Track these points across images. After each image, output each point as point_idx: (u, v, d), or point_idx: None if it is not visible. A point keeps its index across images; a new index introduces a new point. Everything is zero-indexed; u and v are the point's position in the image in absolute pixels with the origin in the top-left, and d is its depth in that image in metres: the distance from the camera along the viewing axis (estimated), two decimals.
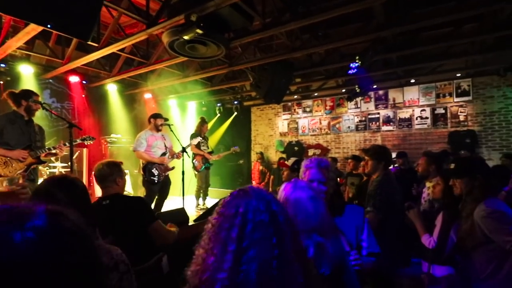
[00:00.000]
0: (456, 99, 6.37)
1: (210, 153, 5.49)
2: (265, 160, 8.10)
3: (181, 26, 3.17)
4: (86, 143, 3.63)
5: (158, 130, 4.19)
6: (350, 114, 7.56)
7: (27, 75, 4.98)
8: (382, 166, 2.38)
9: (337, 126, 7.73)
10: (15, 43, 3.76)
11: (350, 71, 4.94)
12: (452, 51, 5.16)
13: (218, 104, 8.18)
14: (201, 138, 5.18)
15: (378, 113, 7.18)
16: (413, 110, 6.79)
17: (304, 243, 1.28)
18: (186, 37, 3.13)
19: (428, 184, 2.71)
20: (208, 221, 0.81)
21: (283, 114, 8.60)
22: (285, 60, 5.04)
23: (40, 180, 3.96)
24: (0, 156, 2.84)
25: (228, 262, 0.70)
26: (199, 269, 0.75)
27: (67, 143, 3.08)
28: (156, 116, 4.22)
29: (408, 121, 6.83)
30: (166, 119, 4.25)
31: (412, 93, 6.81)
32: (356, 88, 5.90)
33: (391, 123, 7.02)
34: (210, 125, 8.71)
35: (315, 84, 7.26)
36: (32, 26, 3.24)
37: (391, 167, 3.13)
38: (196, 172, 5.44)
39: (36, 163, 3.09)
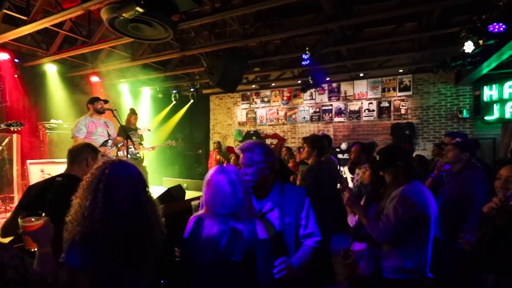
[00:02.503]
0: (399, 94, 6.90)
1: (141, 144, 5.14)
2: (222, 149, 8.07)
3: (119, 2, 2.95)
4: (12, 129, 3.27)
5: (100, 113, 3.92)
6: (306, 105, 7.81)
7: None
8: (316, 153, 2.56)
9: (293, 116, 7.94)
10: None
11: (303, 62, 5.07)
12: (396, 48, 5.56)
13: (174, 91, 7.89)
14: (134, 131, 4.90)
15: (331, 105, 7.52)
16: (362, 103, 7.22)
17: (219, 228, 1.29)
18: (125, 15, 2.93)
19: (358, 170, 2.96)
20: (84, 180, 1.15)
21: (242, 104, 8.59)
22: (240, 47, 5.00)
23: None
24: None
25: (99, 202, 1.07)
26: (79, 211, 1.09)
27: None
28: (93, 100, 3.93)
29: (357, 113, 7.26)
30: (106, 101, 3.98)
31: (361, 87, 7.22)
32: (310, 80, 6.09)
33: (342, 115, 7.40)
34: (164, 112, 8.41)
35: (273, 74, 7.33)
36: None
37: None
38: None
39: None
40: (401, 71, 6.74)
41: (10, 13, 3.79)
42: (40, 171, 4.83)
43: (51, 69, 5.70)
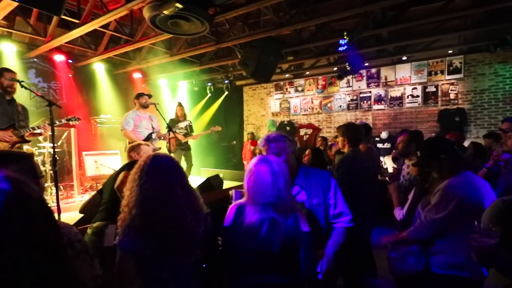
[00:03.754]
0: (447, 77, 6.32)
1: (186, 135, 5.37)
2: (256, 140, 8.14)
3: (160, 0, 3.07)
4: (71, 123, 3.62)
5: (145, 107, 4.18)
6: (342, 93, 7.52)
7: (9, 54, 4.87)
8: (351, 143, 2.51)
9: (328, 105, 7.71)
10: None
11: (339, 48, 4.86)
12: (445, 27, 5.07)
13: (209, 84, 8.08)
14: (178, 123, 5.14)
15: (370, 92, 7.14)
16: (405, 89, 6.75)
17: (259, 217, 1.32)
18: (166, 12, 3.05)
19: (407, 162, 2.77)
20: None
21: (275, 94, 8.53)
22: (274, 37, 4.94)
23: None
24: None
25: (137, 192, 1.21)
26: (126, 200, 1.23)
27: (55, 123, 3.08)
28: (138, 95, 4.20)
29: (399, 99, 6.82)
30: (150, 96, 4.23)
31: (404, 71, 6.74)
32: (347, 66, 5.83)
33: (382, 102, 7.01)
34: (201, 105, 8.68)
35: (307, 62, 7.15)
36: (6, 1, 3.14)
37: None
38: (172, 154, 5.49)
39: (20, 142, 3.10)
40: (450, 52, 6.14)
41: (64, 18, 4.16)
42: (94, 162, 5.34)
43: (99, 68, 6.17)
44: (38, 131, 3.14)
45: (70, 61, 5.77)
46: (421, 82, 6.58)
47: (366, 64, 6.69)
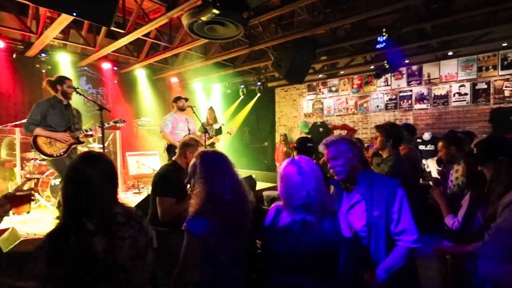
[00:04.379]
0: (501, 72, 5.73)
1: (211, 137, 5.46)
2: (288, 141, 8.08)
3: (198, 7, 3.20)
4: (118, 125, 3.92)
5: (182, 110, 4.37)
6: (379, 92, 7.18)
7: (65, 63, 5.40)
8: (391, 144, 2.33)
9: (364, 105, 7.40)
10: (51, 33, 4.07)
11: (377, 46, 4.66)
12: (498, 18, 4.60)
13: (242, 86, 8.21)
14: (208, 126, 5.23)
15: (411, 90, 6.73)
16: (451, 86, 6.25)
17: (291, 219, 1.30)
18: (203, 18, 3.16)
19: (456, 166, 2.56)
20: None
21: (308, 95, 8.41)
22: (307, 37, 4.87)
23: None
24: (46, 137, 3.18)
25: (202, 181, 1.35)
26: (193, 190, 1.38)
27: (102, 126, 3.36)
28: (176, 99, 4.39)
29: (444, 98, 6.33)
30: (187, 99, 4.40)
31: (449, 67, 6.25)
32: (385, 64, 5.56)
33: (424, 101, 6.56)
34: (233, 107, 8.84)
35: (341, 61, 6.95)
36: (64, 15, 3.48)
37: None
38: None
39: (75, 143, 3.41)
40: (504, 45, 5.56)
41: (111, 29, 4.51)
42: (136, 162, 5.70)
43: (140, 74, 6.58)
44: (90, 132, 3.43)
45: (115, 68, 6.24)
46: (470, 79, 6.04)
47: (407, 61, 6.32)
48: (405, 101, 6.80)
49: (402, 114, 6.87)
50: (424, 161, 4.96)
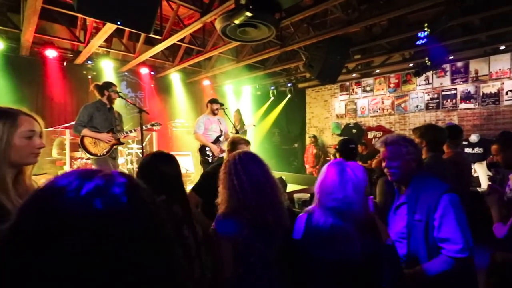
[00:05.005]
0: None
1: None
2: (319, 143, 7.90)
3: (231, 11, 3.25)
4: (154, 128, 4.12)
5: (214, 114, 4.46)
6: (419, 91, 6.74)
7: (108, 69, 5.80)
8: (425, 147, 2.19)
9: (402, 105, 7.00)
10: (97, 41, 4.40)
11: (418, 42, 4.38)
12: None
13: (272, 87, 8.19)
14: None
15: (455, 89, 6.23)
16: (502, 84, 5.68)
17: (326, 221, 1.23)
18: (236, 22, 3.20)
19: None
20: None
21: (340, 95, 8.15)
22: (340, 36, 4.72)
23: (120, 159, 4.67)
24: (91, 138, 3.43)
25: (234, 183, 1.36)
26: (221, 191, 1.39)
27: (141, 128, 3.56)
28: (212, 101, 4.49)
29: (495, 96, 5.76)
30: (222, 104, 4.48)
31: (501, 63, 5.68)
32: (426, 61, 5.20)
33: (471, 100, 6.03)
34: (263, 109, 8.86)
35: (377, 59, 6.65)
36: (108, 25, 3.74)
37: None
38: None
39: (117, 144, 3.64)
40: None
41: (150, 35, 4.76)
42: None
43: (175, 78, 6.86)
44: (130, 134, 3.65)
45: (152, 72, 6.57)
46: None
47: (451, 57, 5.87)
48: (449, 100, 6.31)
49: (445, 114, 6.38)
50: (471, 165, 4.55)
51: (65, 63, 5.41)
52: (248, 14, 3.01)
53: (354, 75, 7.49)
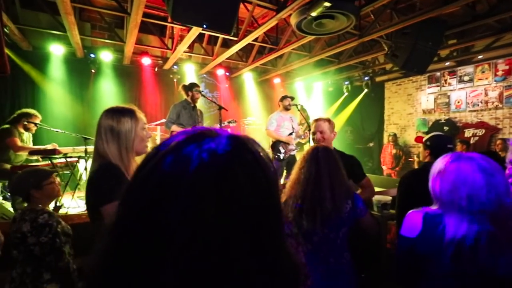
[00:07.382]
0: None
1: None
2: (399, 142, 7.08)
3: (308, 3, 3.16)
4: (230, 125, 4.36)
5: (286, 109, 4.44)
6: None
7: (190, 72, 6.39)
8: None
9: None
10: (182, 47, 4.87)
11: None
12: None
13: (346, 82, 7.72)
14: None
15: None
16: None
17: (471, 229, 1.00)
18: (314, 14, 3.10)
19: None
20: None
21: (429, 87, 7.13)
22: (432, 18, 4.10)
23: None
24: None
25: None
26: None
27: (220, 124, 3.82)
28: (283, 98, 4.48)
29: None
30: (292, 98, 4.43)
31: None
32: None
33: None
34: (336, 105, 8.44)
35: (478, 44, 5.58)
36: (192, 31, 4.09)
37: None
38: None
39: None
40: None
41: (226, 37, 5.04)
42: None
43: (248, 77, 7.11)
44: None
45: (227, 73, 6.96)
46: None
47: None
48: None
49: None
50: None
51: (156, 69, 6.17)
52: (327, 4, 2.88)
53: (447, 63, 6.45)
